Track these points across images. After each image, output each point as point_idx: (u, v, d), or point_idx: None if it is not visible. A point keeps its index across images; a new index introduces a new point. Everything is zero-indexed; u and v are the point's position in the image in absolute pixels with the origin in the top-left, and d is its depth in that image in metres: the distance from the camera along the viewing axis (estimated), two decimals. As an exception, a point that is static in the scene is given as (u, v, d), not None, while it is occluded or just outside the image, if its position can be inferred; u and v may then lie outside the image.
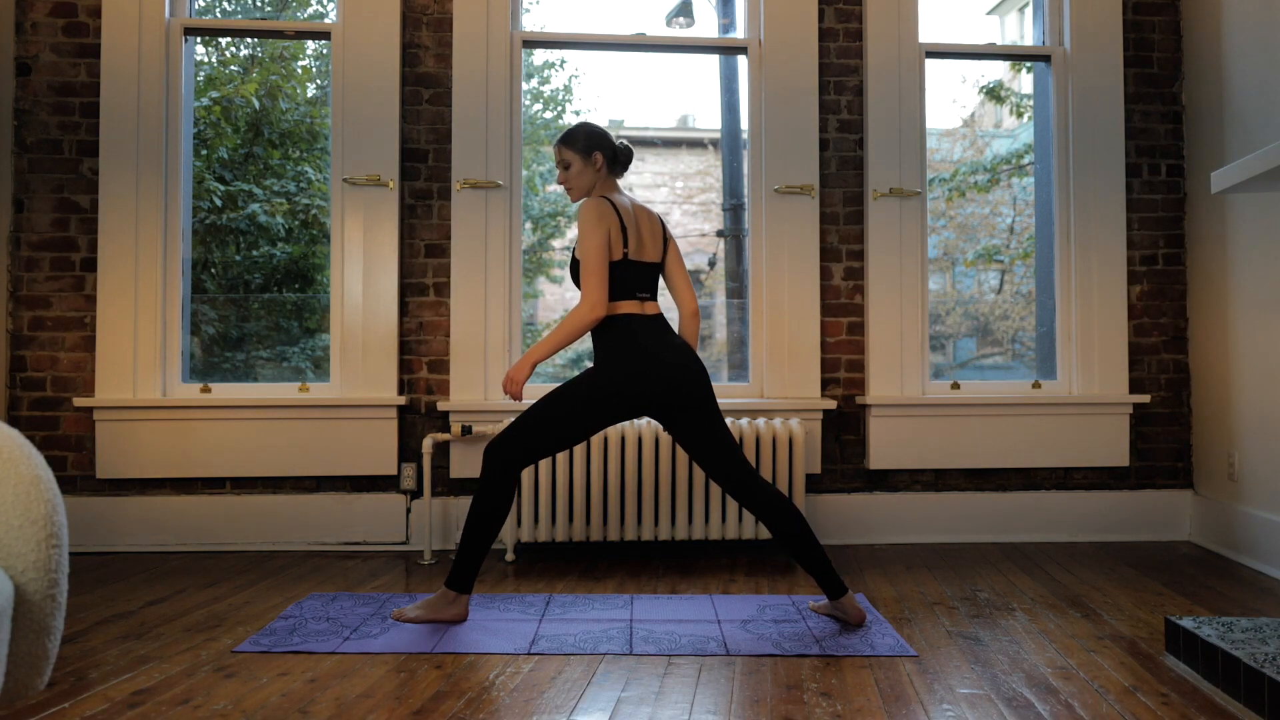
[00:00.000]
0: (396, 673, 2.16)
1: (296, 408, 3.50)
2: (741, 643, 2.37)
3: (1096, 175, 3.73)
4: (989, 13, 5.02)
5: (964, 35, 4.06)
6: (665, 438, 3.31)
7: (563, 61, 4.37)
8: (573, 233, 4.45)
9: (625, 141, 2.72)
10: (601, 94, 4.44)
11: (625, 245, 2.57)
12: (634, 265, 2.59)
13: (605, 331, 2.58)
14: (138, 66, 3.50)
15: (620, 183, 2.74)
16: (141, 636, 2.42)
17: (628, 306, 2.58)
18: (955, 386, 3.75)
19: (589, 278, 2.51)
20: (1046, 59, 3.86)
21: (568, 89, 4.42)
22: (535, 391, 3.61)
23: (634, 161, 2.75)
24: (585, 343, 4.10)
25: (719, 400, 3.58)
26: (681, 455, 3.31)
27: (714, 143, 4.12)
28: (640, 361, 2.53)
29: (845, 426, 3.69)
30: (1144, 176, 3.79)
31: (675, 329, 2.74)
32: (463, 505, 3.53)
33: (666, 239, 2.72)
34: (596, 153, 2.65)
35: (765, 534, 3.31)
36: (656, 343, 2.56)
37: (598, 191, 2.66)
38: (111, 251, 3.47)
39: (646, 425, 3.32)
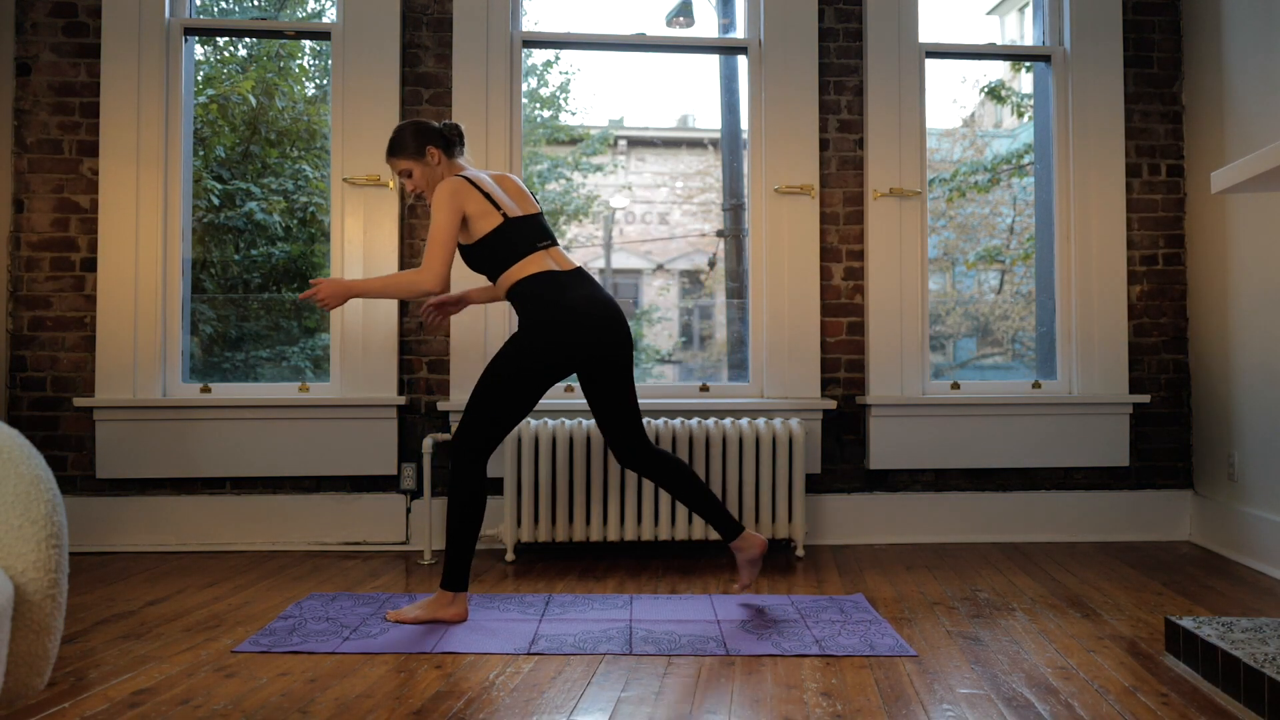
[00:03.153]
0: (396, 673, 2.16)
1: (296, 408, 3.50)
2: (741, 643, 2.37)
3: (1096, 175, 3.73)
4: (989, 13, 5.02)
5: (964, 35, 4.06)
6: (666, 438, 3.30)
7: (557, 58, 4.36)
8: (572, 231, 4.45)
9: (448, 120, 2.69)
10: (601, 94, 4.44)
11: (499, 208, 2.56)
12: (518, 221, 2.59)
13: (521, 296, 2.57)
14: (138, 66, 3.50)
15: (619, 181, 2.73)
16: (141, 636, 2.42)
17: (535, 263, 2.57)
18: (955, 386, 3.75)
19: (431, 248, 2.50)
20: (1046, 59, 3.86)
21: (564, 89, 4.41)
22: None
23: (634, 161, 2.75)
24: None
25: (720, 401, 3.59)
26: (681, 456, 3.31)
27: (714, 143, 4.12)
28: (559, 314, 2.53)
29: (845, 426, 3.69)
30: (1144, 176, 3.79)
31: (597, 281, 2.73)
32: (463, 505, 3.53)
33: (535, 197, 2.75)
34: (429, 148, 2.63)
35: (764, 534, 3.30)
36: (574, 295, 2.55)
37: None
38: (111, 251, 3.47)
39: (647, 426, 3.31)
